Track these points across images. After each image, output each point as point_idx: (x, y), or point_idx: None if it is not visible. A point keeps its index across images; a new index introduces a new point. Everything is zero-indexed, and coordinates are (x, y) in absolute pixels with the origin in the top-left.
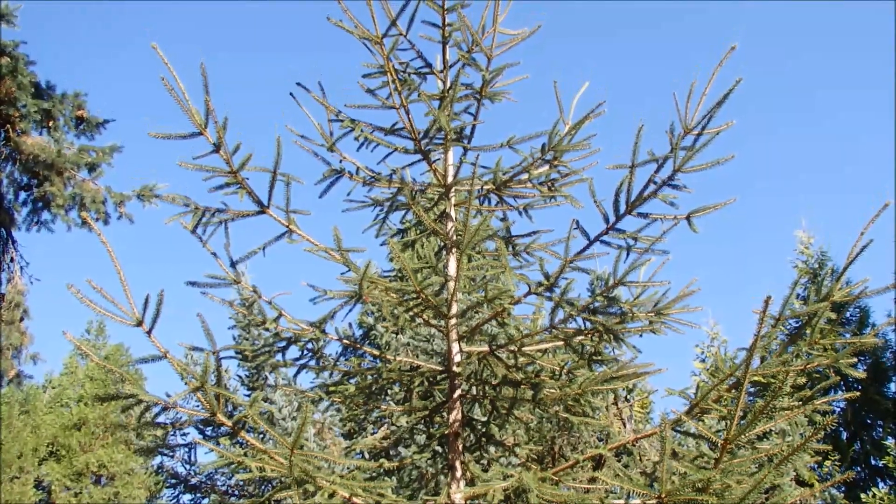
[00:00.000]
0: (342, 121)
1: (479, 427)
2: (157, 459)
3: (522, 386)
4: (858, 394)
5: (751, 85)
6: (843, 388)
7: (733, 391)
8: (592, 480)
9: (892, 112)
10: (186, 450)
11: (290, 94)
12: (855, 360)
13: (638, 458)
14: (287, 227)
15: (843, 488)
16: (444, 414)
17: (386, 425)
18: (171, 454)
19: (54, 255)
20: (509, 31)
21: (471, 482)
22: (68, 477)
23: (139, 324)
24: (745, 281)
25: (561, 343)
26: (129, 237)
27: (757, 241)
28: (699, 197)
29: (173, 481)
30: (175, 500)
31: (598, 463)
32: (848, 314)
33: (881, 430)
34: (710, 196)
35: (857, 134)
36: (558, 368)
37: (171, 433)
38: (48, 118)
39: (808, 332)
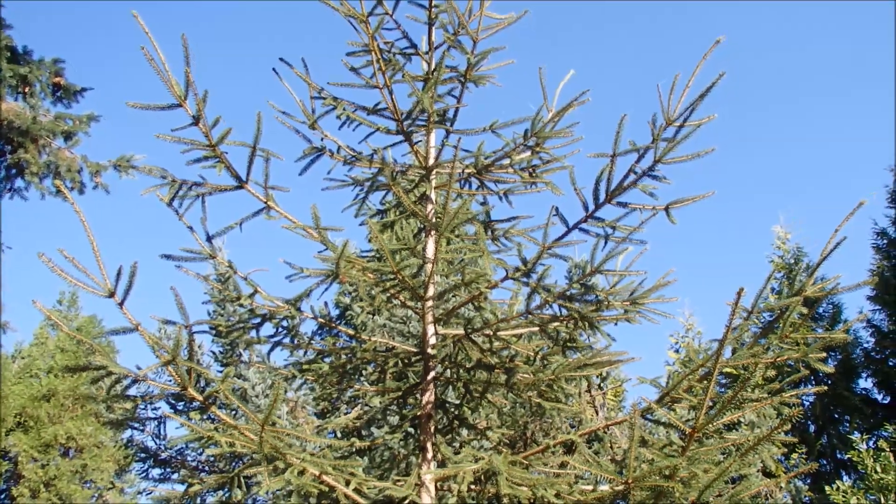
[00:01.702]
0: (325, 98)
1: (452, 410)
2: (127, 433)
3: (496, 370)
4: (827, 388)
5: (739, 77)
6: (813, 382)
7: (704, 381)
8: (563, 465)
9: (891, 110)
10: (157, 423)
11: (273, 69)
12: (824, 355)
13: (609, 445)
14: (265, 203)
15: (808, 480)
16: (418, 395)
17: (359, 405)
18: (141, 428)
19: (27, 223)
20: (496, 15)
21: (441, 464)
22: (36, 448)
23: (111, 295)
24: (725, 273)
25: (536, 329)
26: (105, 208)
27: (739, 235)
28: (679, 189)
29: (143, 455)
30: (144, 474)
31: (569, 448)
32: (821, 310)
33: (848, 424)
34: (690, 188)
35: (842, 133)
36: (533, 354)
37: (142, 406)
38: (24, 84)
39: (779, 325)
